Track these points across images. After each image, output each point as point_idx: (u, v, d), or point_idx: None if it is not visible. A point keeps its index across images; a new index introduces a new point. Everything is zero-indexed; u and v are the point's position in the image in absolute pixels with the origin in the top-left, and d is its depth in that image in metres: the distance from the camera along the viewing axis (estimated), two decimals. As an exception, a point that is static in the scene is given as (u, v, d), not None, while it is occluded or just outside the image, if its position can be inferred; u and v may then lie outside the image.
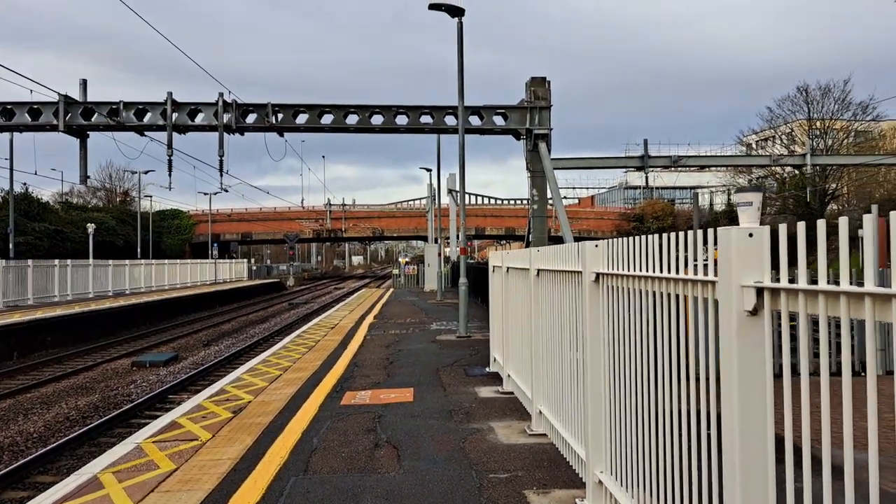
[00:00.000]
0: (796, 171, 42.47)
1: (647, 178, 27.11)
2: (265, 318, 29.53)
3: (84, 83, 22.41)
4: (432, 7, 15.03)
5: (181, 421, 7.38)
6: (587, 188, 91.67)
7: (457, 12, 15.05)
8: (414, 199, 73.91)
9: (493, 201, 73.99)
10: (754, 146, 54.66)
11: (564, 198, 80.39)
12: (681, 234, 3.12)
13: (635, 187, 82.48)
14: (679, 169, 30.21)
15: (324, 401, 8.25)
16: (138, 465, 5.79)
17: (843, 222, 2.01)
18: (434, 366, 10.86)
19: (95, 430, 10.29)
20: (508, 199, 73.13)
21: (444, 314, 20.68)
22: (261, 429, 6.94)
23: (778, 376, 2.37)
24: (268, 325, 26.66)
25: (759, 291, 2.43)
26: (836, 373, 2.09)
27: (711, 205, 65.52)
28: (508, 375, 8.47)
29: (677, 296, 3.18)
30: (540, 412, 6.46)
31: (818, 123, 46.30)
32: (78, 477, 5.54)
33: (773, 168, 42.71)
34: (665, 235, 3.31)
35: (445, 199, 44.46)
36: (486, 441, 6.34)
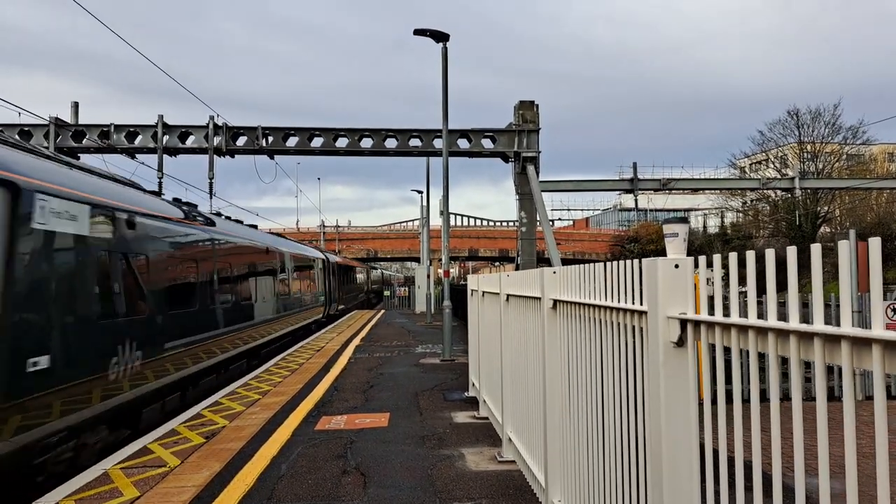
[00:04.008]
0: (788, 195, 42.69)
1: (636, 200, 27.20)
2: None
3: (76, 106, 22.48)
4: (417, 32, 15.19)
5: (152, 446, 7.32)
6: (581, 210, 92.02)
7: (441, 38, 15.20)
8: (407, 221, 74.03)
9: (487, 223, 74.08)
10: (747, 169, 54.98)
11: (559, 219, 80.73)
12: (621, 262, 3.14)
13: (629, 209, 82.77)
14: (671, 191, 30.31)
15: (298, 426, 8.19)
16: (101, 493, 5.73)
17: (769, 254, 2.03)
18: (414, 390, 10.81)
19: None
20: (502, 221, 73.23)
21: (432, 337, 20.61)
22: (231, 454, 6.88)
23: (746, 401, 2.33)
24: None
25: (684, 323, 2.44)
26: (809, 398, 2.09)
27: (705, 227, 65.69)
28: (484, 400, 8.43)
29: (618, 324, 3.19)
30: (510, 438, 6.43)
31: (809, 147, 46.65)
32: (39, 504, 5.49)
33: (764, 191, 42.93)
34: (610, 264, 3.32)
35: (438, 221, 44.49)
36: (454, 468, 6.30)
